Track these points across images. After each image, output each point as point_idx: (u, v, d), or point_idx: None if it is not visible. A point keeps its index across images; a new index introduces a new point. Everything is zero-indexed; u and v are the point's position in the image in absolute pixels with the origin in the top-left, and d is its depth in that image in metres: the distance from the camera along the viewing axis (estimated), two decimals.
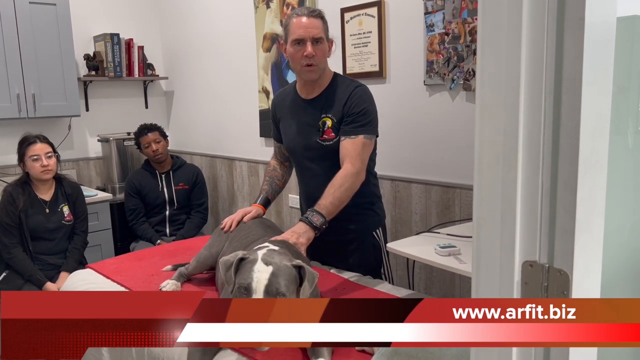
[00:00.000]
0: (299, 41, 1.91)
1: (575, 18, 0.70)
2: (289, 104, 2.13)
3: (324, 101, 2.01)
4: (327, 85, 2.02)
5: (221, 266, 1.47)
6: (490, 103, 0.79)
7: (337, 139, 1.97)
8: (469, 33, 2.20)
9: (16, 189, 2.88)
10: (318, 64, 1.94)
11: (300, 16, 1.91)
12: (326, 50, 1.96)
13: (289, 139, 2.14)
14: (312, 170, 2.08)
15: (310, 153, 2.06)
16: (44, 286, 2.81)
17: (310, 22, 1.90)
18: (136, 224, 3.47)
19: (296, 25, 1.91)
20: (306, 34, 1.90)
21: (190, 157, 4.16)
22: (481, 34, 0.79)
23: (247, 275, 1.38)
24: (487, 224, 0.82)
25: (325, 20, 1.97)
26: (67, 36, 3.56)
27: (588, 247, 0.76)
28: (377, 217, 2.15)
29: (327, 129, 1.98)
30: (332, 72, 2.06)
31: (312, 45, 1.90)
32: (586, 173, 0.73)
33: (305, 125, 2.05)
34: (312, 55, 1.90)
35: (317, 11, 1.94)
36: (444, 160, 2.42)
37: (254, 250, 1.51)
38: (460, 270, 1.52)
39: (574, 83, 0.71)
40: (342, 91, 1.99)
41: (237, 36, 3.57)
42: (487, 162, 0.80)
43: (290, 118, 2.12)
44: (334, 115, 1.98)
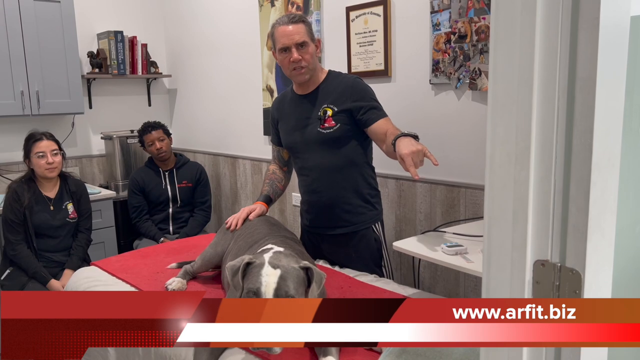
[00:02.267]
0: (284, 49, 2.01)
1: (590, 17, 0.70)
2: (287, 103, 2.21)
3: (322, 93, 2.09)
4: (322, 80, 2.11)
5: (227, 272, 1.47)
6: (503, 102, 0.78)
7: (337, 126, 2.04)
8: (475, 32, 2.20)
9: (21, 186, 2.88)
10: (307, 66, 2.02)
11: (282, 25, 2.00)
12: (313, 51, 2.04)
13: (288, 135, 2.19)
14: (314, 160, 2.12)
15: (310, 143, 2.11)
16: (48, 283, 2.81)
17: (293, 28, 1.99)
18: (139, 222, 3.47)
19: (280, 34, 2.00)
20: (290, 42, 1.99)
21: (194, 155, 4.16)
22: (494, 31, 0.78)
23: (255, 279, 1.39)
24: (498, 223, 0.81)
25: (308, 22, 2.05)
26: (71, 33, 3.56)
27: (600, 246, 0.76)
28: (376, 211, 2.18)
29: (328, 117, 2.05)
30: (327, 70, 2.16)
31: (297, 51, 1.99)
32: (599, 172, 0.73)
33: (304, 117, 2.12)
34: (297, 60, 2.00)
35: (297, 16, 2.03)
36: (449, 160, 2.42)
37: (259, 253, 1.51)
38: (468, 270, 1.52)
39: (589, 82, 0.71)
40: (339, 83, 2.08)
41: (242, 34, 3.57)
42: (499, 160, 0.80)
43: (288, 115, 2.19)
44: (334, 104, 2.05)
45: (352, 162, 2.09)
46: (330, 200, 2.11)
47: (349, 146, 2.07)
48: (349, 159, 2.08)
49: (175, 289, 1.90)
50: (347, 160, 2.08)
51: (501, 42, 0.77)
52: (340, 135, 2.05)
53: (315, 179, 2.13)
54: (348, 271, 2.08)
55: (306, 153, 2.14)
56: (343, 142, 2.07)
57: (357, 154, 2.10)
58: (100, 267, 2.23)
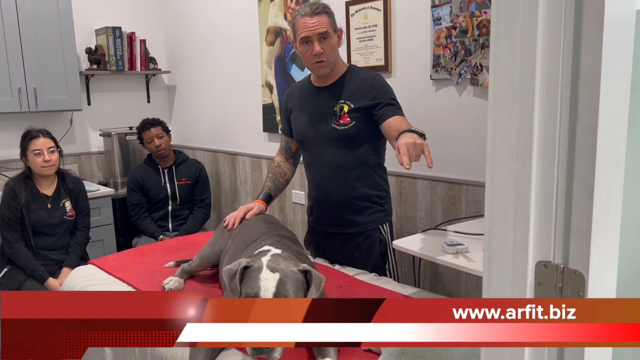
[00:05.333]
0: (306, 40, 1.96)
1: (595, 10, 0.67)
2: (303, 94, 2.17)
3: (340, 88, 2.05)
4: (341, 74, 2.07)
5: (225, 276, 1.44)
6: (504, 98, 0.76)
7: (352, 124, 2.01)
8: (476, 27, 2.17)
9: (18, 184, 2.86)
10: (328, 59, 1.98)
11: (304, 16, 1.96)
12: (335, 43, 2.00)
13: (300, 127, 2.15)
14: (325, 156, 2.09)
15: (323, 139, 2.07)
16: (46, 282, 2.80)
17: (315, 20, 1.94)
18: (138, 219, 3.45)
19: (302, 24, 1.96)
20: (312, 33, 1.94)
21: (193, 152, 4.14)
22: (495, 25, 0.76)
23: (253, 283, 1.37)
24: (499, 223, 0.79)
25: (331, 12, 2.00)
26: (69, 29, 3.53)
27: (604, 247, 0.74)
28: (384, 212, 2.14)
29: (344, 114, 2.02)
30: (347, 64, 2.13)
31: (319, 43, 1.95)
32: (603, 171, 0.71)
33: (319, 112, 2.08)
34: (320, 53, 1.95)
35: (320, 7, 1.97)
36: (450, 156, 2.39)
37: (257, 256, 1.49)
38: (468, 269, 1.50)
39: (593, 78, 0.68)
40: (359, 79, 2.04)
41: (241, 30, 3.54)
42: (500, 158, 0.78)
43: (303, 107, 2.15)
44: (351, 101, 2.01)
45: (364, 162, 2.06)
46: (338, 198, 2.08)
47: (362, 145, 2.04)
48: (361, 158, 2.05)
49: (172, 288, 1.89)
50: (359, 159, 2.05)
51: (502, 37, 0.75)
52: (355, 134, 2.02)
53: (325, 176, 2.10)
54: (347, 270, 2.06)
55: (317, 148, 2.11)
56: (356, 141, 2.03)
57: (369, 153, 2.07)
58: (97, 266, 2.21)
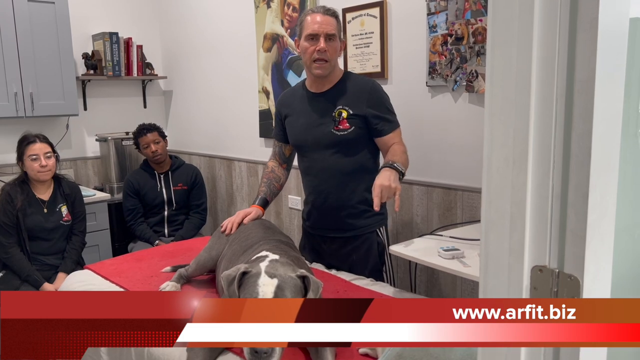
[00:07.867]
0: (312, 36, 1.99)
1: (589, 18, 0.68)
2: (298, 99, 2.18)
3: (337, 94, 2.07)
4: (338, 80, 2.10)
5: (223, 281, 1.45)
6: (500, 104, 0.77)
7: (351, 129, 2.03)
8: (472, 34, 2.19)
9: (14, 188, 2.85)
10: (329, 60, 2.01)
11: (316, 13, 2.00)
12: (338, 48, 2.04)
13: (296, 133, 2.16)
14: (323, 161, 2.10)
15: (321, 144, 2.09)
16: (41, 287, 2.79)
17: (325, 19, 1.99)
18: (134, 225, 3.45)
19: (311, 21, 2.00)
20: (320, 30, 1.98)
21: (189, 157, 4.14)
22: (491, 33, 0.77)
23: (252, 289, 1.38)
24: (495, 228, 0.80)
25: (340, 20, 2.06)
26: (66, 35, 3.53)
27: (599, 252, 0.75)
28: (382, 215, 2.16)
29: (342, 119, 2.04)
30: (343, 70, 2.15)
31: (325, 42, 1.98)
32: (598, 177, 0.72)
33: (316, 117, 2.09)
34: (324, 50, 1.98)
35: (332, 10, 2.03)
36: (445, 162, 2.41)
37: (255, 262, 1.50)
38: (464, 274, 1.51)
39: (587, 85, 0.69)
40: (356, 85, 2.07)
41: (237, 36, 3.56)
42: (497, 164, 0.79)
43: (299, 112, 2.16)
44: (350, 107, 2.04)
45: (362, 167, 2.08)
46: (336, 203, 2.10)
47: (360, 150, 2.06)
48: (359, 163, 2.07)
49: None
50: (358, 164, 2.07)
51: (498, 44, 0.76)
52: (354, 139, 2.04)
53: (323, 181, 2.11)
54: (344, 275, 2.06)
55: (315, 153, 2.12)
56: (355, 146, 2.06)
57: (367, 158, 2.09)
58: (93, 271, 2.21)
